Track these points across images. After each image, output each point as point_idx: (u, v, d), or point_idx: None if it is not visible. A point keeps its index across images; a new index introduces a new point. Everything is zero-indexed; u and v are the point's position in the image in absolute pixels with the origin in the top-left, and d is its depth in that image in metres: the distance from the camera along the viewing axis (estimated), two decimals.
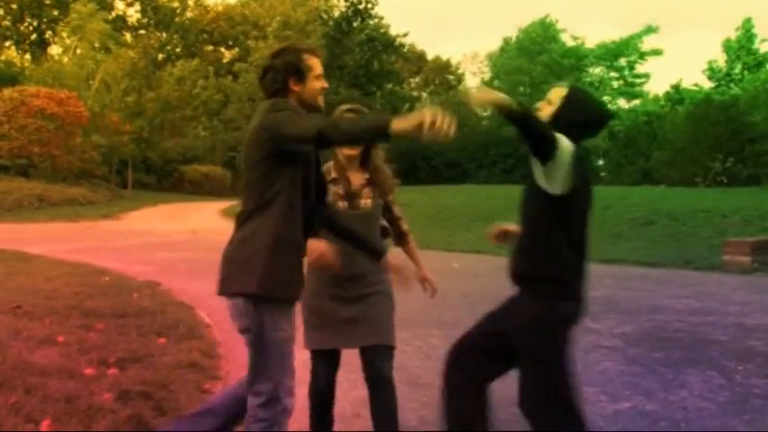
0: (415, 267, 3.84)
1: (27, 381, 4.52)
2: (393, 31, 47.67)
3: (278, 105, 3.09)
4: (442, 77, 64.76)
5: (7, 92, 32.04)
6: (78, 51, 40.65)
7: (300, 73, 3.15)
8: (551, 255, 3.23)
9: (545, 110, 3.51)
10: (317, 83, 3.19)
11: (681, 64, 78.51)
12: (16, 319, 6.61)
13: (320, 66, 3.24)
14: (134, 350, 5.60)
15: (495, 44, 74.78)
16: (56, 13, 50.84)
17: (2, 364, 4.87)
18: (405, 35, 47.95)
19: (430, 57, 64.89)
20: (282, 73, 3.14)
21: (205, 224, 24.14)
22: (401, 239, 3.98)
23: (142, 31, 57.65)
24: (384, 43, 46.21)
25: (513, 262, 3.38)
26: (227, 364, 5.73)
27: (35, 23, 54.05)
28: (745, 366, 5.79)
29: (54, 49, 49.25)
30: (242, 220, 3.13)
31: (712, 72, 48.80)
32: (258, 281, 3.01)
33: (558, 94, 3.52)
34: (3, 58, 48.42)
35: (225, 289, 3.13)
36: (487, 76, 59.82)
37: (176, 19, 57.97)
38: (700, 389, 5.12)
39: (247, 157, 3.12)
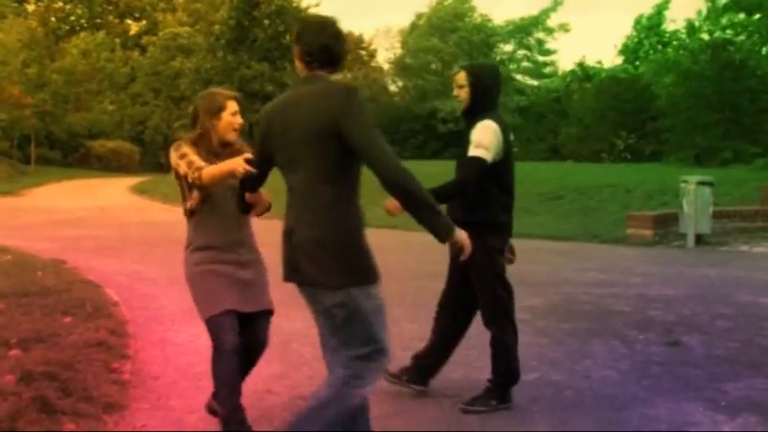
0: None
1: None
2: (304, 4, 47.09)
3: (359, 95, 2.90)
4: (354, 53, 64.46)
5: None
6: None
7: None
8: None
9: (461, 94, 3.94)
10: None
11: (588, 42, 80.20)
12: None
13: None
14: (38, 330, 5.43)
15: (408, 19, 74.83)
16: None
17: None
18: (317, 5, 47.41)
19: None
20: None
21: (113, 200, 23.60)
22: None
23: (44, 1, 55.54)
24: (295, 16, 45.53)
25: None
26: (135, 342, 5.63)
27: None
28: (646, 335, 6.02)
29: None
30: None
31: (625, 49, 50.08)
32: None
33: (462, 77, 3.88)
34: None
35: None
36: (399, 51, 59.93)
37: None
38: (603, 358, 5.30)
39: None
